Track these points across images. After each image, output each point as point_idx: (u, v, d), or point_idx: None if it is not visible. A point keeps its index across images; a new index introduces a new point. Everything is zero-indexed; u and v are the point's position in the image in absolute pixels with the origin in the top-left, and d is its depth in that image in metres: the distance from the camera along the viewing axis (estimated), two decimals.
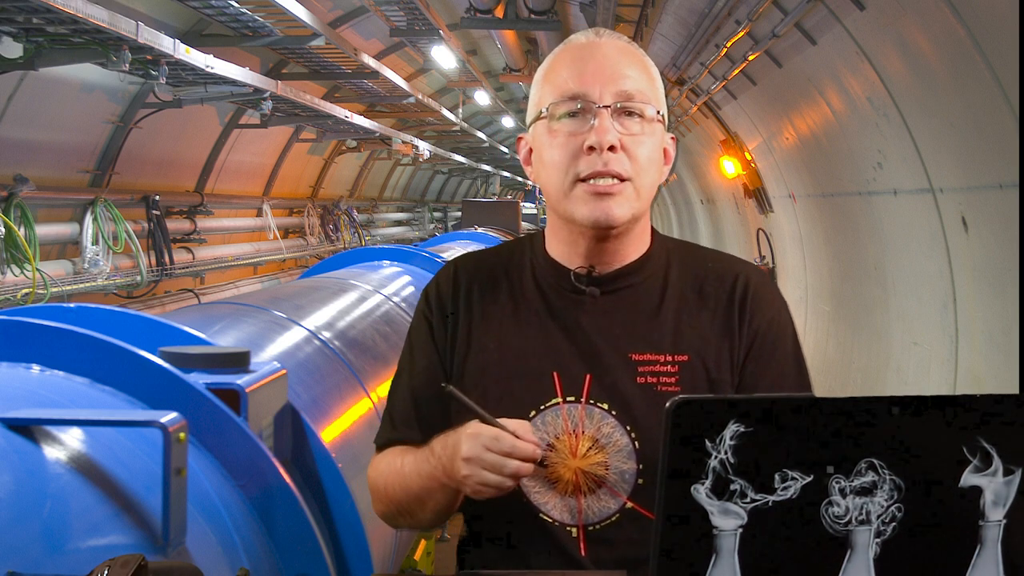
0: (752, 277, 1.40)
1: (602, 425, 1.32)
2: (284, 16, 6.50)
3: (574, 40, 1.39)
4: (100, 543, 1.33)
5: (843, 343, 6.87)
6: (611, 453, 1.31)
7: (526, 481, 1.33)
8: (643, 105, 1.33)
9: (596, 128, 1.30)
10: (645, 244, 1.42)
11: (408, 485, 1.36)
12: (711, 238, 13.80)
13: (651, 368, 1.33)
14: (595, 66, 1.34)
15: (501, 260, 1.46)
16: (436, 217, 20.67)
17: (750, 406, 0.81)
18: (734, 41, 6.24)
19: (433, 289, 1.46)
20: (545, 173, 1.36)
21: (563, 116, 1.33)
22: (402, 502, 1.39)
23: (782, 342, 1.38)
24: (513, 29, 9.48)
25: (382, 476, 1.42)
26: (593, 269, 1.38)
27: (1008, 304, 3.83)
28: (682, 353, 1.34)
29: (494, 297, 1.41)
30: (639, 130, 1.33)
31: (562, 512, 1.32)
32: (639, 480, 1.31)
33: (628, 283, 1.38)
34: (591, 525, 1.32)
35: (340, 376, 2.92)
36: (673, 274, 1.40)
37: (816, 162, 6.82)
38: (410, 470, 1.35)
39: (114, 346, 1.73)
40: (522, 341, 1.37)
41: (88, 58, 5.17)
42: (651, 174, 1.35)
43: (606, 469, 1.31)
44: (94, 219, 6.71)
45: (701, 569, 0.82)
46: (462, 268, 1.46)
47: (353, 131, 10.31)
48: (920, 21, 4.04)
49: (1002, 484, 0.82)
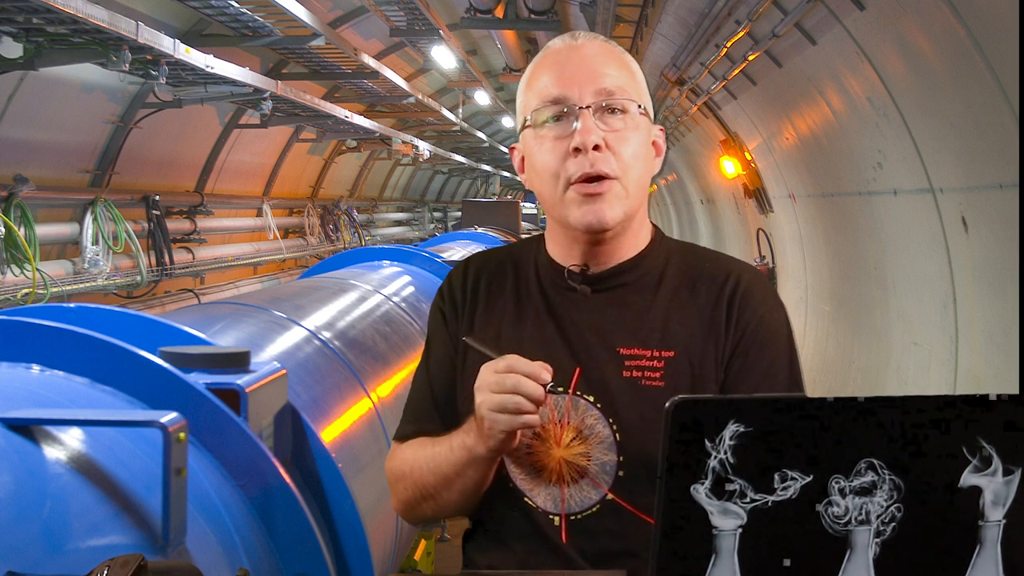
0: (745, 276, 1.41)
1: (586, 416, 1.35)
2: (284, 16, 6.50)
3: (552, 46, 1.41)
4: (100, 543, 1.33)
5: (843, 343, 6.87)
6: (593, 444, 1.34)
7: (513, 467, 1.37)
8: (625, 101, 1.35)
9: (579, 129, 1.32)
10: (643, 241, 1.44)
11: (438, 464, 1.37)
12: (711, 238, 13.80)
13: (637, 363, 1.35)
14: (573, 68, 1.36)
15: (511, 257, 1.50)
16: (436, 217, 20.68)
17: (750, 406, 0.81)
18: (734, 41, 6.24)
19: (446, 284, 1.51)
20: (538, 180, 1.39)
21: (547, 121, 1.36)
22: (429, 484, 1.40)
23: (772, 342, 1.38)
24: (513, 29, 9.48)
25: (407, 462, 1.44)
26: (587, 268, 1.41)
27: (1008, 304, 3.83)
28: (669, 349, 1.36)
29: (500, 291, 1.46)
30: (622, 126, 1.34)
31: (545, 500, 1.35)
32: (620, 472, 1.33)
33: (621, 281, 1.41)
34: (573, 515, 1.34)
35: (340, 376, 2.92)
36: (668, 274, 1.42)
37: (816, 162, 6.82)
38: (441, 449, 1.37)
39: (114, 346, 1.73)
40: (519, 334, 1.41)
41: (88, 58, 5.17)
42: (638, 169, 1.36)
43: (588, 460, 1.34)
44: (94, 219, 6.72)
45: (701, 569, 0.82)
46: (474, 263, 1.51)
47: (353, 131, 10.32)
48: (920, 21, 4.04)
49: (1002, 484, 0.82)
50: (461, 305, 1.47)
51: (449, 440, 1.37)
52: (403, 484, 1.45)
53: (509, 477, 1.38)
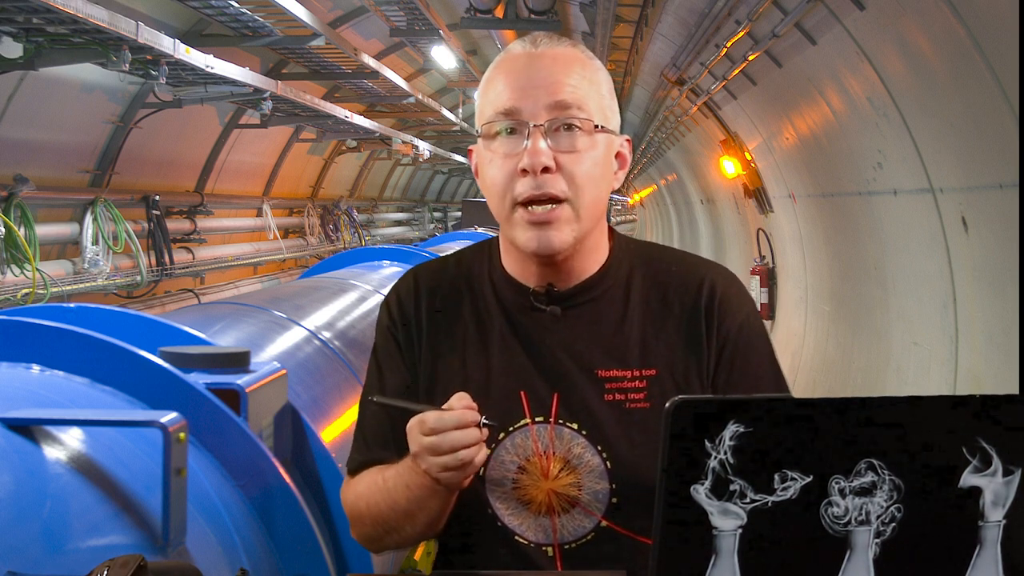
0: (718, 281, 1.35)
1: (572, 446, 1.29)
2: (284, 16, 6.50)
3: (512, 51, 1.33)
4: (100, 543, 1.33)
5: (843, 343, 6.87)
6: (583, 474, 1.28)
7: (498, 504, 1.31)
8: (582, 119, 1.26)
9: (529, 150, 1.24)
10: (603, 254, 1.36)
11: (395, 499, 1.29)
12: (711, 238, 13.81)
13: (619, 384, 1.30)
14: (528, 78, 1.28)
15: (462, 272, 1.41)
16: (436, 217, 20.67)
17: (750, 406, 0.81)
18: (734, 41, 6.24)
19: (395, 305, 1.41)
20: (487, 193, 1.33)
21: (499, 133, 1.28)
22: (389, 519, 1.31)
23: (755, 345, 1.35)
24: (513, 29, 9.47)
25: (362, 498, 1.35)
26: (552, 287, 1.33)
27: (1008, 304, 3.83)
28: (649, 367, 1.30)
29: (456, 313, 1.37)
30: (576, 146, 1.26)
31: (536, 532, 1.30)
32: (613, 499, 1.28)
33: (589, 297, 1.34)
34: (566, 544, 1.30)
35: (340, 376, 2.92)
36: (635, 283, 1.35)
37: (816, 162, 6.82)
38: (395, 483, 1.29)
39: (114, 346, 1.73)
40: (487, 361, 1.33)
41: (88, 58, 5.17)
42: (591, 191, 1.28)
43: (579, 490, 1.28)
44: (94, 219, 6.72)
45: (701, 569, 0.82)
46: (423, 281, 1.41)
47: (353, 131, 10.32)
48: (920, 21, 4.04)
49: (1002, 484, 0.82)
50: (416, 331, 1.37)
51: (403, 477, 1.27)
52: (362, 521, 1.36)
53: (496, 516, 1.31)
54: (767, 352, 1.37)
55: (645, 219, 23.60)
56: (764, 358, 1.36)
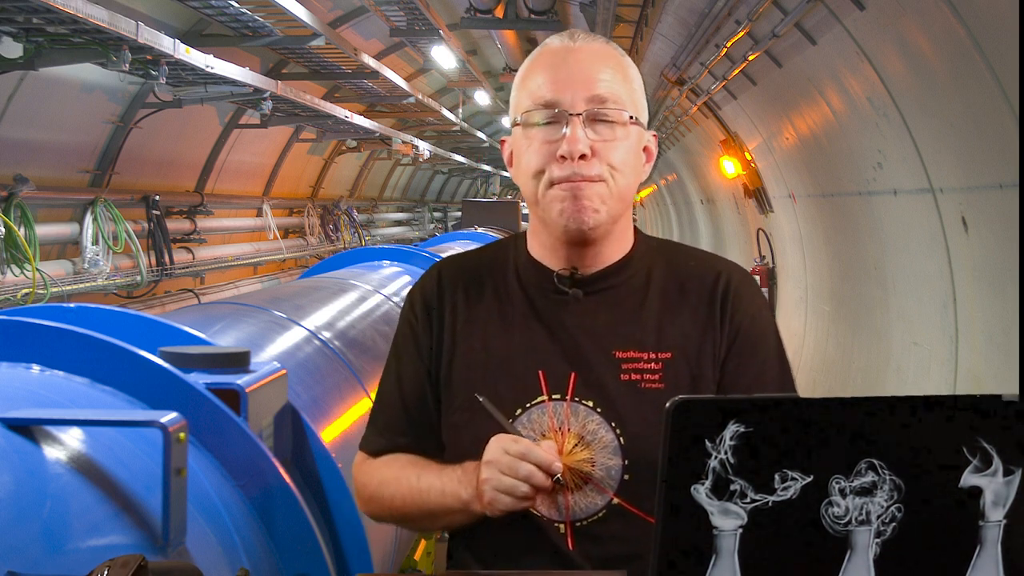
0: (734, 275, 1.41)
1: (587, 422, 1.33)
2: (284, 16, 6.50)
3: (550, 44, 1.39)
4: (100, 543, 1.33)
5: (843, 343, 6.87)
6: (597, 450, 1.33)
7: None
8: (616, 111, 1.33)
9: (568, 137, 1.31)
10: (627, 244, 1.43)
11: (425, 501, 1.37)
12: (711, 238, 13.80)
13: (635, 365, 1.34)
14: (567, 72, 1.34)
15: (485, 262, 1.48)
16: (436, 217, 20.68)
17: (750, 406, 0.81)
18: (734, 41, 6.24)
19: (418, 293, 1.47)
20: (523, 177, 1.38)
21: (537, 123, 1.34)
22: (411, 515, 1.40)
23: (764, 340, 1.39)
24: (513, 29, 9.49)
25: (388, 485, 1.42)
26: (575, 271, 1.39)
27: (1008, 304, 3.83)
28: (665, 350, 1.35)
29: (479, 298, 1.43)
30: (612, 135, 1.33)
31: (549, 508, 1.33)
32: (625, 476, 1.32)
33: (610, 283, 1.40)
34: (578, 521, 1.33)
35: (340, 376, 2.92)
36: (656, 273, 1.41)
37: (816, 162, 6.82)
38: (429, 486, 1.36)
39: (114, 346, 1.73)
40: (507, 341, 1.39)
41: (88, 58, 5.17)
42: (626, 176, 1.35)
43: (592, 466, 1.33)
44: (94, 219, 6.72)
45: (701, 569, 0.82)
46: (446, 271, 1.47)
47: (353, 131, 10.32)
48: (920, 21, 4.04)
49: (1002, 484, 0.82)
50: (438, 317, 1.43)
51: (440, 481, 1.35)
52: (380, 504, 1.44)
53: None
54: (776, 346, 1.41)
55: (645, 219, 23.65)
56: (772, 354, 1.40)
